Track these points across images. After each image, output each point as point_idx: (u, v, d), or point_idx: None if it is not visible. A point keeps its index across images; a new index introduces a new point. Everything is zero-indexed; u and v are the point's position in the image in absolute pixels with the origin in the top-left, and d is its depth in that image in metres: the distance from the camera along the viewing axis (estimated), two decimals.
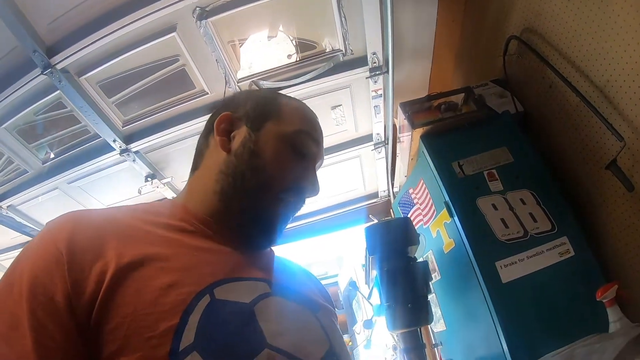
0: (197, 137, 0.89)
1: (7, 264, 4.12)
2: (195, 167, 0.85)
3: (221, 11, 2.00)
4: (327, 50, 2.31)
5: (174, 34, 2.07)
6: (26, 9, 1.97)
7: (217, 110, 0.85)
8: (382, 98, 2.49)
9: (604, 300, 1.24)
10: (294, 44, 2.27)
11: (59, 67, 2.13)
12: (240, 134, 0.79)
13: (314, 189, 0.80)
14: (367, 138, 2.97)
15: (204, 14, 1.97)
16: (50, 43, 2.11)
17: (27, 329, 0.50)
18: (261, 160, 0.75)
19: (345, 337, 4.41)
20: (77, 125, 2.61)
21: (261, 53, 2.26)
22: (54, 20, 2.03)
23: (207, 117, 0.87)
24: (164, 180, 2.98)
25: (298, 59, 2.31)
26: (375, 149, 3.00)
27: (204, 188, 0.77)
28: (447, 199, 1.69)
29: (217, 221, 0.74)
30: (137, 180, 2.97)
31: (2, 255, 3.95)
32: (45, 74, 2.14)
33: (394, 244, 1.38)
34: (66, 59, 2.12)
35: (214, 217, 0.74)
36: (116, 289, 0.54)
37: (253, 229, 0.75)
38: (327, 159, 3.04)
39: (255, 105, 0.82)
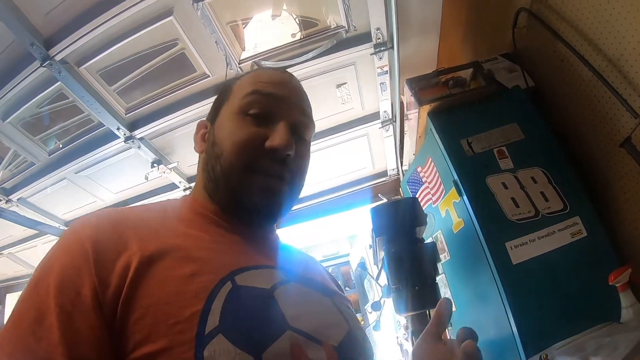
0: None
1: (22, 255, 4.23)
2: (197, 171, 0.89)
3: None
4: (330, 27, 2.29)
5: (170, 17, 2.06)
6: (21, 2, 1.98)
7: None
8: (387, 75, 2.47)
9: (616, 285, 1.23)
10: (297, 22, 2.25)
11: (57, 58, 2.15)
12: (208, 132, 0.83)
13: (279, 145, 0.73)
14: (374, 116, 2.96)
15: None
16: (47, 35, 2.12)
17: (54, 322, 0.52)
18: (220, 145, 0.76)
19: (358, 316, 4.47)
20: (81, 115, 2.64)
21: (262, 32, 2.24)
22: (49, 12, 2.04)
23: (210, 99, 0.94)
24: (170, 166, 3.01)
25: (301, 37, 2.29)
26: (382, 127, 2.98)
27: (202, 186, 0.80)
28: (456, 177, 1.68)
29: (223, 212, 0.76)
30: (143, 166, 3.01)
31: (17, 246, 4.07)
32: (44, 66, 2.16)
33: (400, 225, 1.38)
34: (64, 50, 2.14)
35: (219, 209, 0.76)
36: (140, 281, 0.56)
37: (244, 212, 0.75)
38: (335, 139, 3.06)
39: (214, 100, 0.86)
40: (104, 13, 2.00)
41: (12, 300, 5.23)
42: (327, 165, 3.47)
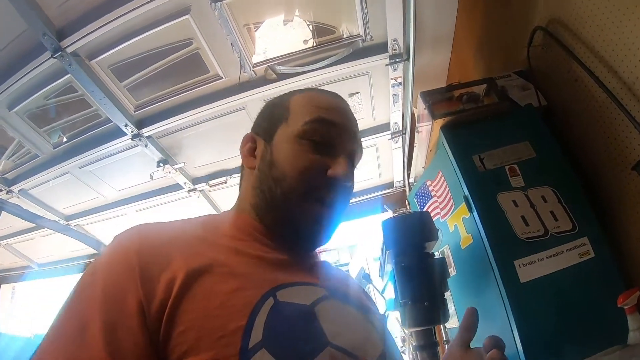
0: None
1: (19, 246, 4.25)
2: (240, 183, 0.91)
3: None
4: (346, 35, 2.32)
5: (187, 16, 2.08)
6: None
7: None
8: (401, 86, 2.50)
9: (624, 307, 1.25)
10: (311, 28, 2.28)
11: (69, 50, 2.16)
12: (259, 149, 0.84)
13: (342, 176, 0.77)
14: (384, 127, 2.99)
15: None
16: (60, 26, 2.13)
17: (98, 333, 0.55)
18: (279, 169, 0.78)
19: None
20: (88, 110, 2.65)
21: (278, 37, 2.27)
22: (64, 3, 2.05)
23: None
24: (176, 166, 3.03)
25: (315, 44, 2.32)
26: (392, 138, 3.02)
27: (247, 202, 0.83)
28: (467, 193, 1.70)
29: (268, 230, 0.79)
30: (149, 165, 3.02)
31: (15, 238, 4.08)
32: (55, 58, 2.17)
33: (411, 239, 1.39)
34: (76, 42, 2.15)
35: (264, 227, 0.79)
36: (185, 295, 0.59)
37: (295, 237, 0.79)
38: None
39: (266, 115, 0.88)
40: (120, 7, 2.02)
41: (7, 291, 5.24)
42: None
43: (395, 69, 2.38)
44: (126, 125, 2.63)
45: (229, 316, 0.59)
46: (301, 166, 0.77)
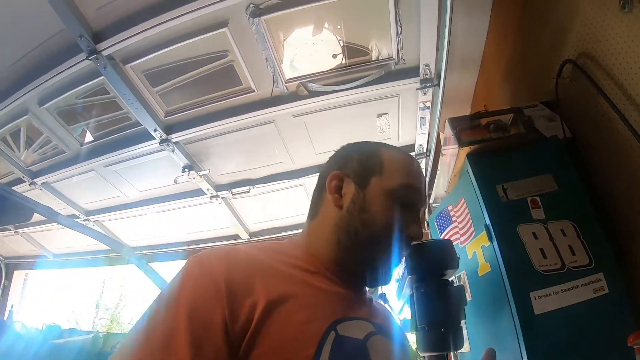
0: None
1: (36, 236, 4.35)
2: (312, 215, 1.01)
3: (275, 10, 2.09)
4: (379, 57, 2.38)
5: (225, 29, 2.17)
6: None
7: (327, 167, 1.02)
8: (429, 110, 2.57)
9: (634, 347, 1.29)
10: (343, 46, 2.35)
11: (104, 53, 2.26)
12: (349, 191, 0.95)
13: (418, 235, 0.95)
14: (409, 148, 3.04)
15: (257, 11, 2.07)
16: (97, 29, 2.22)
17: (184, 342, 0.64)
18: (370, 216, 0.90)
19: None
20: (119, 112, 2.76)
21: (311, 55, 2.34)
22: (103, 6, 2.14)
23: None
24: (201, 173, 3.12)
25: (347, 63, 2.39)
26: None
27: (323, 237, 0.94)
28: (488, 222, 1.75)
29: (336, 266, 0.91)
30: (173, 169, 3.12)
31: (34, 227, 4.19)
32: (90, 60, 2.27)
33: (434, 267, 1.44)
34: (112, 46, 2.24)
35: (333, 262, 0.91)
36: (265, 321, 0.69)
37: (369, 275, 0.93)
38: None
39: (360, 162, 0.98)
40: (158, 16, 2.11)
41: (19, 277, 5.36)
42: None
43: (425, 93, 2.44)
44: (155, 130, 2.72)
45: (300, 345, 0.70)
46: (390, 220, 0.90)
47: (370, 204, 0.91)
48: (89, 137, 3.13)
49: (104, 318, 12.72)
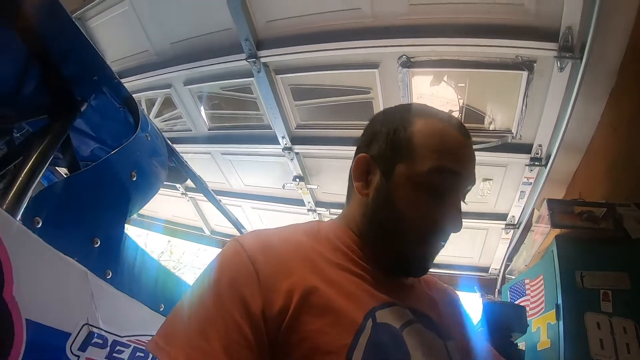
0: None
1: None
2: (347, 199, 0.93)
3: (423, 66, 2.40)
4: (493, 127, 2.64)
5: (375, 70, 2.50)
6: (253, 3, 2.48)
7: (358, 146, 0.89)
8: (531, 186, 2.77)
9: None
10: (462, 106, 2.63)
11: (262, 60, 2.65)
12: (375, 178, 0.83)
13: (455, 226, 0.80)
14: (502, 216, 3.25)
15: (407, 62, 2.39)
16: (261, 37, 2.62)
17: (222, 328, 0.64)
18: (396, 208, 0.79)
19: None
20: (255, 112, 3.17)
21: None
22: (272, 21, 2.53)
23: None
24: (309, 186, 3.47)
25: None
26: (505, 228, 3.27)
27: (354, 224, 0.86)
28: (560, 302, 1.90)
29: (370, 251, 0.83)
30: (285, 176, 3.48)
31: None
32: (247, 61, 2.67)
33: (505, 328, 1.65)
34: (271, 57, 2.63)
35: (366, 247, 0.83)
36: (303, 307, 0.67)
37: (399, 269, 0.83)
38: None
39: (386, 139, 0.84)
40: (320, 43, 2.46)
41: None
42: None
43: (531, 170, 2.66)
44: (283, 137, 3.09)
45: (338, 334, 0.66)
46: (419, 211, 0.78)
47: (396, 195, 0.79)
48: (217, 124, 3.53)
49: None
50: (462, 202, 0.83)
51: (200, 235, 5.09)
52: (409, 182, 0.79)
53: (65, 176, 2.04)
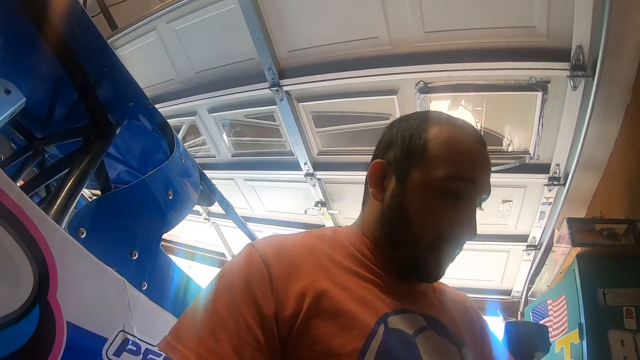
0: None
1: None
2: (362, 204, 0.91)
3: (440, 91, 2.47)
4: (511, 148, 2.68)
5: (394, 96, 2.57)
6: (274, 32, 2.60)
7: (376, 151, 0.89)
8: (550, 206, 2.78)
9: None
10: (480, 129, 2.56)
11: (285, 89, 2.75)
12: (390, 184, 0.82)
13: (470, 233, 0.79)
14: (522, 238, 3.25)
15: (425, 88, 2.46)
16: (284, 67, 2.72)
17: (234, 329, 0.65)
18: (410, 214, 0.79)
19: None
20: (278, 139, 3.24)
21: None
22: (294, 50, 2.64)
23: None
24: (331, 211, 3.52)
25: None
26: (526, 249, 3.26)
27: (368, 230, 0.85)
28: (583, 321, 1.92)
29: (385, 258, 0.82)
30: (306, 201, 3.54)
31: None
32: (270, 90, 2.77)
33: (528, 347, 1.67)
34: (293, 85, 2.72)
35: (379, 254, 0.82)
36: (314, 311, 0.67)
37: (413, 275, 0.82)
38: (479, 245, 3.32)
39: (401, 148, 0.83)
40: (340, 72, 2.55)
41: None
42: (459, 265, 3.74)
43: (550, 190, 2.69)
44: (305, 163, 3.17)
45: (349, 338, 0.67)
46: (433, 217, 0.79)
47: (410, 201, 0.79)
48: (240, 151, 3.60)
49: None
50: (477, 210, 0.82)
51: (222, 260, 5.15)
52: (423, 189, 0.79)
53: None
